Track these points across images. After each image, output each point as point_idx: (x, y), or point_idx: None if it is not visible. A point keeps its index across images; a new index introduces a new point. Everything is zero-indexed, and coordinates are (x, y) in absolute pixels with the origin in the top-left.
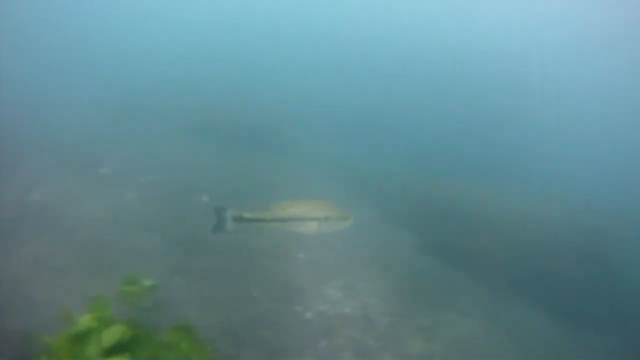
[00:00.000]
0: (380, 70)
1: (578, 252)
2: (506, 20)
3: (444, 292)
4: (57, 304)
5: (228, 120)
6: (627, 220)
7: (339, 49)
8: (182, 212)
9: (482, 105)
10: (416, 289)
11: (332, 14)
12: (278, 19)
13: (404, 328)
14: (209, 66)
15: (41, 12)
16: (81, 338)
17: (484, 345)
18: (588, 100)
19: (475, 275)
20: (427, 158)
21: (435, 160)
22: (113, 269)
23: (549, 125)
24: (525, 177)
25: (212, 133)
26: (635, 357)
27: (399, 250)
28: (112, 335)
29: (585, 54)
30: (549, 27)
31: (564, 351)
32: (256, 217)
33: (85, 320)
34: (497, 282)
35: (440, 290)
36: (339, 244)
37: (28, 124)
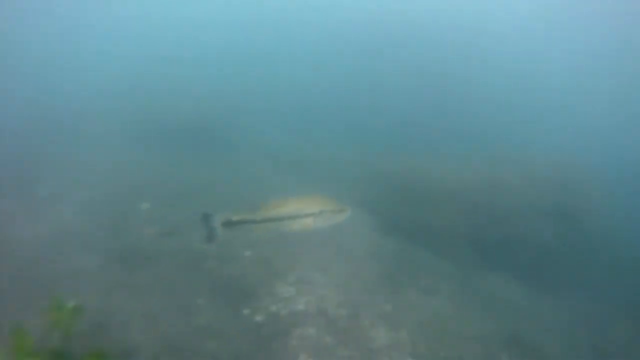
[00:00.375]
0: (332, 54)
1: (544, 214)
2: None
3: (407, 273)
4: None
5: (170, 121)
6: (591, 176)
7: (288, 35)
8: (123, 224)
9: (437, 79)
10: (377, 273)
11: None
12: (224, 13)
13: (365, 318)
14: (154, 66)
15: None
16: None
17: (453, 324)
18: (546, 69)
19: (440, 250)
20: (382, 136)
21: (391, 137)
22: (48, 293)
23: (506, 94)
24: (484, 145)
25: (153, 135)
26: (605, 315)
27: (357, 234)
28: None
29: (547, 23)
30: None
31: (539, 317)
32: (246, 219)
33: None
34: (463, 254)
35: (404, 271)
36: (290, 235)
37: None
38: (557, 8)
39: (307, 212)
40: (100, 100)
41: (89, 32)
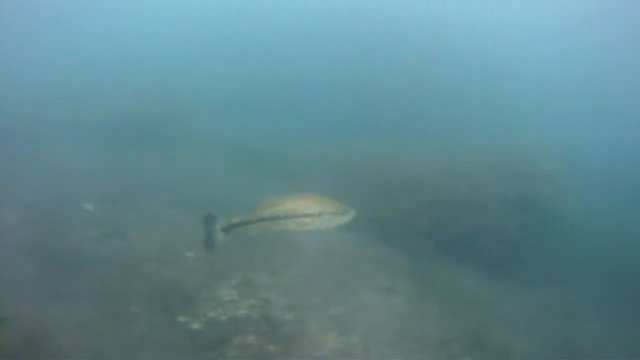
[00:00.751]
0: (279, 48)
1: (507, 203)
2: None
3: (363, 270)
4: None
5: (114, 118)
6: (557, 167)
7: (238, 31)
8: (63, 227)
9: (397, 72)
10: (328, 272)
11: None
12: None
13: (313, 322)
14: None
15: None
16: None
17: (412, 325)
18: (510, 58)
19: (399, 245)
20: (339, 129)
21: (348, 129)
22: None
23: (468, 85)
24: (447, 136)
25: (99, 133)
26: (574, 308)
27: (307, 230)
28: None
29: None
30: None
31: (504, 314)
32: (243, 221)
33: None
34: (423, 249)
35: (358, 269)
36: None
37: None
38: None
39: (306, 213)
40: (36, 99)
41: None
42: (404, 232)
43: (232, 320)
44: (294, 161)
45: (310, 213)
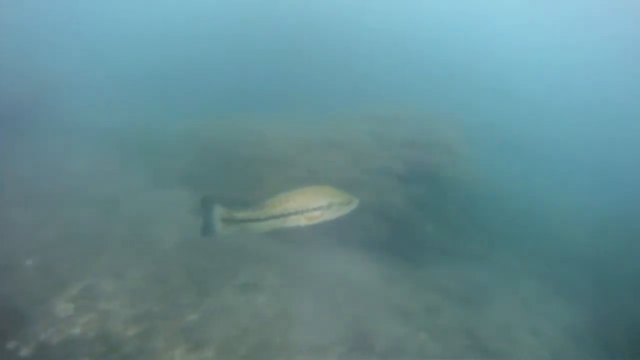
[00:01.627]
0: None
1: (393, 176)
2: None
3: (224, 264)
4: None
5: None
6: (450, 132)
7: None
8: None
9: (273, 43)
10: (183, 270)
11: None
12: None
13: (160, 337)
14: None
15: None
16: None
17: (278, 330)
18: (385, 18)
19: (268, 233)
20: (215, 103)
21: (223, 104)
22: None
23: (349, 52)
24: (327, 105)
25: None
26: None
27: (162, 222)
28: None
29: None
30: None
31: (395, 301)
32: (250, 218)
33: None
34: (298, 236)
35: (219, 262)
36: (87, 230)
37: None
38: None
39: (314, 207)
40: None
41: None
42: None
43: (64, 343)
44: (160, 142)
45: (320, 206)
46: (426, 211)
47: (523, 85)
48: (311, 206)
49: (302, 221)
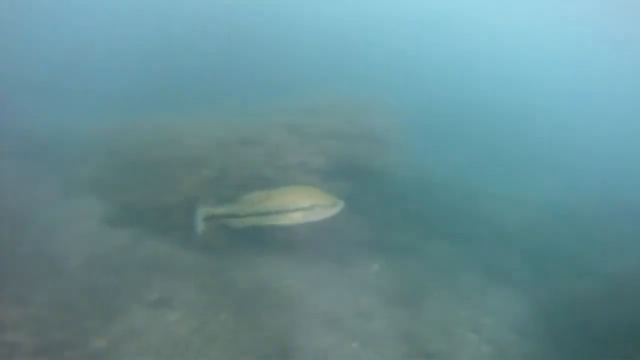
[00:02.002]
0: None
1: (311, 171)
2: None
3: (134, 278)
4: None
5: None
6: (378, 121)
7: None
8: None
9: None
10: (91, 288)
11: None
12: None
13: None
14: None
15: None
16: None
17: (191, 352)
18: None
19: (179, 238)
20: (129, 102)
21: (129, 106)
22: None
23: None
24: (245, 99)
25: None
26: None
27: (70, 237)
28: None
29: None
30: None
31: (322, 307)
32: (228, 213)
33: None
34: (211, 239)
35: (129, 277)
36: None
37: None
38: None
39: (296, 207)
40: None
41: None
42: (188, 220)
43: None
44: (68, 146)
45: (302, 207)
46: (352, 206)
47: (464, 68)
48: (293, 206)
49: (282, 221)
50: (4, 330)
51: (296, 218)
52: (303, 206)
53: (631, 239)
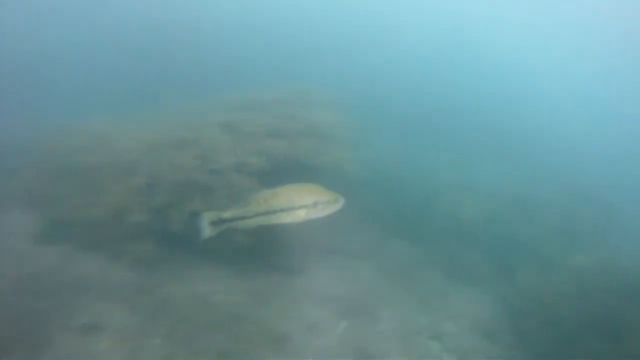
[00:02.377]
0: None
1: (252, 172)
2: None
3: (65, 306)
4: None
5: None
6: (327, 114)
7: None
8: None
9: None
10: (19, 318)
11: None
12: None
13: None
14: None
15: None
16: None
17: None
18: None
19: (111, 253)
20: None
21: (57, 110)
22: None
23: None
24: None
25: None
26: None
27: (0, 253)
28: None
29: None
30: None
31: (266, 322)
32: (236, 216)
33: None
34: (144, 253)
35: (59, 304)
36: None
37: None
38: None
39: (300, 205)
40: None
41: None
42: (120, 234)
43: None
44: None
45: (305, 204)
46: None
47: (413, 55)
48: (296, 204)
49: (287, 219)
50: None
51: (300, 215)
52: (307, 203)
53: (595, 229)
